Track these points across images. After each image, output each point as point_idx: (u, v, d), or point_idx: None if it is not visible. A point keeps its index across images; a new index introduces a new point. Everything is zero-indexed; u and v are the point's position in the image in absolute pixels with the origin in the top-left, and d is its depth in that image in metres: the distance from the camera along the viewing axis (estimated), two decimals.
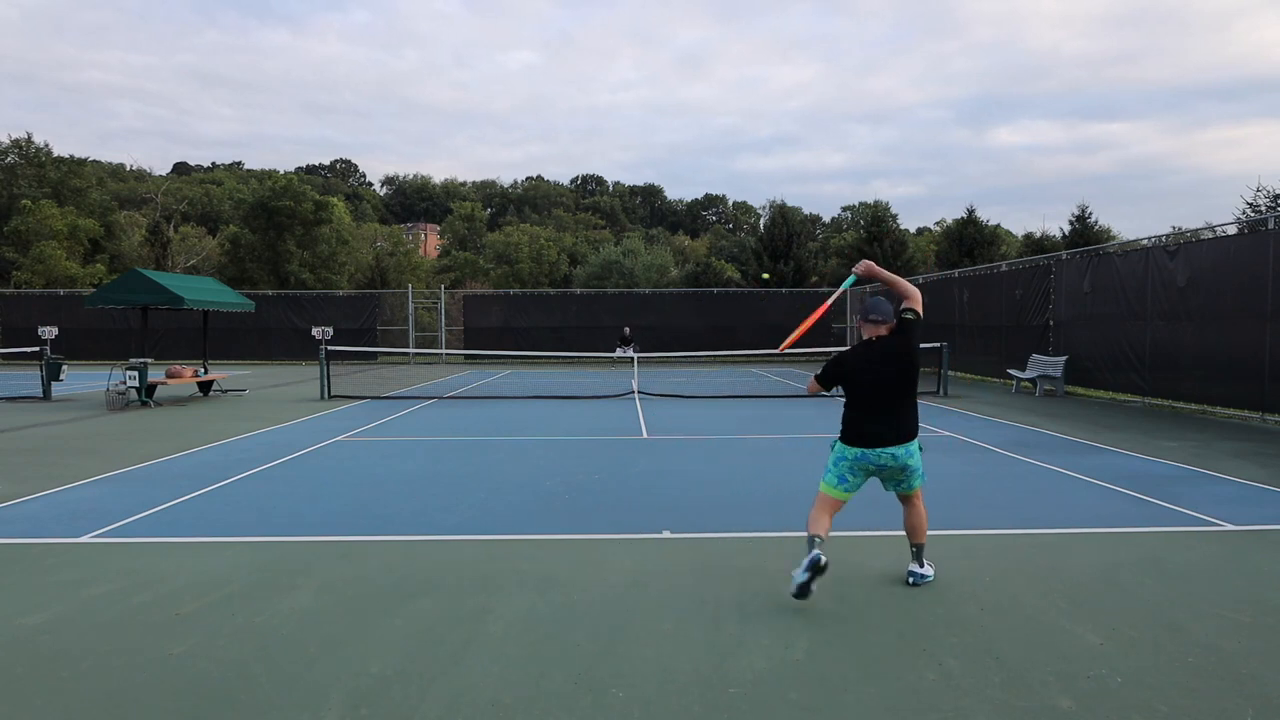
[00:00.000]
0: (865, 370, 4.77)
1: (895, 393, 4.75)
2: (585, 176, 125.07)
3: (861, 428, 4.77)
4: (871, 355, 4.79)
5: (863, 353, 4.84)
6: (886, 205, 47.04)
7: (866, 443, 4.75)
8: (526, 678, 3.69)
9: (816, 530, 4.69)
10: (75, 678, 3.72)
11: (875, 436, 4.73)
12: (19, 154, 45.58)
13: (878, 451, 4.72)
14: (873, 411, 4.75)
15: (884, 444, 4.72)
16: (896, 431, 4.73)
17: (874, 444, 4.73)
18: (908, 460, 4.75)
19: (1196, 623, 4.32)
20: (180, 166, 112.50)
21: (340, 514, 6.89)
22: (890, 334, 4.81)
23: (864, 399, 4.78)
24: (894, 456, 4.71)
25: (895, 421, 4.74)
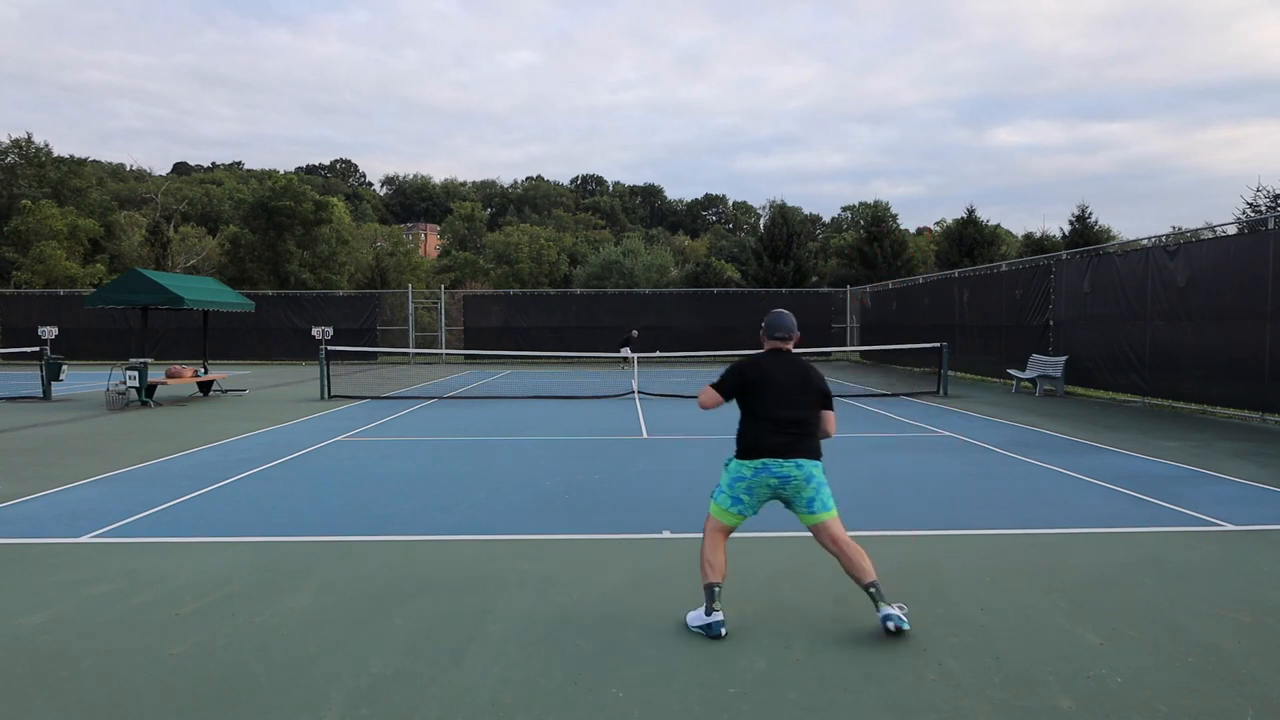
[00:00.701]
0: (775, 377, 4.44)
1: (803, 404, 4.42)
2: (585, 176, 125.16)
3: (763, 439, 4.34)
4: (779, 365, 4.49)
5: (769, 362, 4.51)
6: (886, 205, 47.21)
7: (769, 453, 4.31)
8: (526, 678, 3.69)
9: (714, 577, 4.29)
10: (75, 678, 3.72)
11: (780, 447, 4.32)
12: (19, 154, 45.61)
13: (780, 462, 4.29)
14: (778, 422, 4.36)
15: (789, 455, 4.31)
16: (801, 446, 4.35)
17: (777, 454, 4.31)
18: (813, 471, 4.33)
19: (1196, 623, 4.32)
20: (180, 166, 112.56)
21: (340, 514, 6.89)
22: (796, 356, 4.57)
23: (768, 408, 4.38)
24: (799, 467, 4.30)
25: (801, 434, 4.37)
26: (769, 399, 4.40)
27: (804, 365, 4.55)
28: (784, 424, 4.36)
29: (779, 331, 4.57)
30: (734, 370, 4.54)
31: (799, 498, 4.33)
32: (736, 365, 4.56)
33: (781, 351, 4.55)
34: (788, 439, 4.34)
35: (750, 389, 4.46)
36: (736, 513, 4.41)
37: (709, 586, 4.26)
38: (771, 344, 4.58)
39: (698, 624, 4.22)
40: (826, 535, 4.33)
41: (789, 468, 4.30)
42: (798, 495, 4.33)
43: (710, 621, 4.16)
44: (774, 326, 4.59)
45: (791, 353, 4.58)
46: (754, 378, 4.46)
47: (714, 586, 4.26)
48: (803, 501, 4.33)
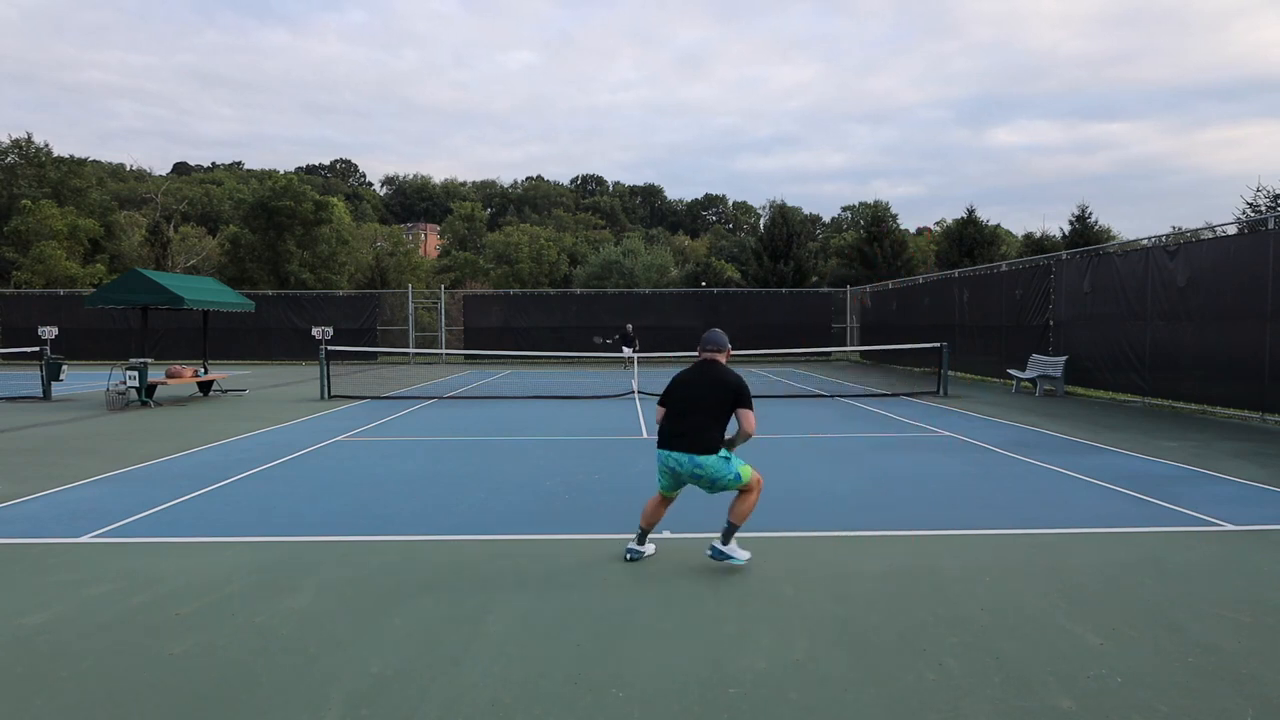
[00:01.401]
0: (688, 384, 5.32)
1: (702, 407, 5.20)
2: (585, 176, 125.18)
3: (664, 430, 5.32)
4: (699, 374, 5.34)
5: (694, 371, 5.39)
6: (886, 205, 47.20)
7: (665, 444, 5.29)
8: (526, 678, 3.69)
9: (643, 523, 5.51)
10: (75, 678, 3.72)
11: (672, 438, 5.25)
12: (19, 154, 45.61)
13: (668, 454, 5.26)
14: (678, 417, 5.26)
15: (677, 448, 5.21)
16: (690, 440, 5.18)
17: (669, 446, 5.26)
18: (695, 470, 5.18)
19: (1196, 623, 4.32)
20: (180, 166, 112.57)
21: (340, 514, 6.89)
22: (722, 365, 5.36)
23: (675, 405, 5.31)
24: (679, 463, 5.21)
25: (692, 430, 5.18)
26: (676, 400, 5.34)
27: (720, 374, 5.30)
28: (682, 419, 5.26)
29: (708, 345, 5.47)
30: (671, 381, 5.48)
31: (703, 486, 5.28)
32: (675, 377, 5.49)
33: (709, 363, 5.39)
34: (680, 431, 5.24)
35: (672, 391, 5.40)
36: (663, 489, 5.45)
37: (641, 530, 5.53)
38: (704, 354, 5.45)
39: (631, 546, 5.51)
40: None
41: (673, 461, 5.26)
42: (699, 483, 5.27)
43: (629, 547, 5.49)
44: (704, 341, 5.51)
45: (719, 364, 5.38)
46: (676, 382, 5.42)
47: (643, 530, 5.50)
48: (703, 486, 5.28)
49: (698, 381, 5.31)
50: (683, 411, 5.26)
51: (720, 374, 5.29)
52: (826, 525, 6.50)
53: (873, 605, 4.61)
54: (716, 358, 5.39)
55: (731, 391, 5.22)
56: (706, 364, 5.38)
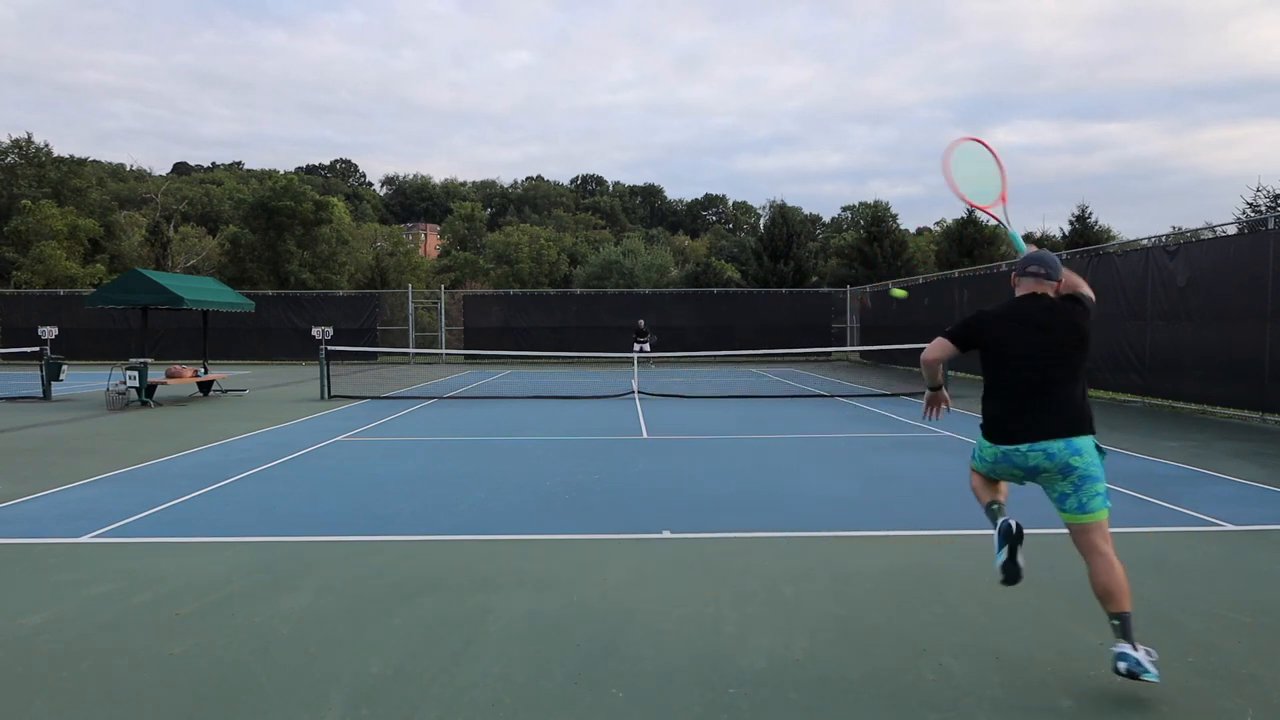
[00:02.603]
0: (1038, 328, 3.55)
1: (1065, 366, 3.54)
2: (585, 176, 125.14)
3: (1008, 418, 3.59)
4: (1032, 317, 3.58)
5: (1018, 313, 3.61)
6: (886, 205, 47.19)
7: (1012, 438, 3.57)
8: (526, 678, 3.69)
9: (993, 496, 3.84)
10: (75, 678, 3.72)
11: (1026, 428, 3.54)
12: (19, 154, 45.61)
13: (1028, 449, 3.53)
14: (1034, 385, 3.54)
15: (1047, 433, 3.50)
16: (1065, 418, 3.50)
17: (1028, 436, 3.54)
18: (1068, 464, 3.47)
19: (1196, 623, 4.31)
20: (180, 166, 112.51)
21: (340, 514, 6.89)
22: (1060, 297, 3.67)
23: (1022, 364, 3.55)
24: (1047, 457, 3.50)
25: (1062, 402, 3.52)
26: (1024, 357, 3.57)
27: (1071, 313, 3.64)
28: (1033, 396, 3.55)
29: (1036, 265, 3.68)
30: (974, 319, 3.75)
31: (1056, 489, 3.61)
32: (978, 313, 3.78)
33: (1038, 297, 3.66)
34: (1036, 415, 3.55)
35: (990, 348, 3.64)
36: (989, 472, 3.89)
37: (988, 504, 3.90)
38: (1029, 283, 3.68)
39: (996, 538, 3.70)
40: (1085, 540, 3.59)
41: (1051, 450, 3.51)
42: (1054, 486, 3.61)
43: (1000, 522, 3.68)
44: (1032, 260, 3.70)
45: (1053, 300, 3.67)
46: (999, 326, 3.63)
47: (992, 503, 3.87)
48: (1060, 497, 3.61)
49: (1049, 324, 3.56)
50: (1040, 374, 3.53)
51: (1071, 312, 3.63)
52: (826, 525, 6.50)
53: (873, 605, 4.61)
54: (1048, 289, 3.66)
55: (1087, 339, 3.62)
56: (1039, 299, 3.64)
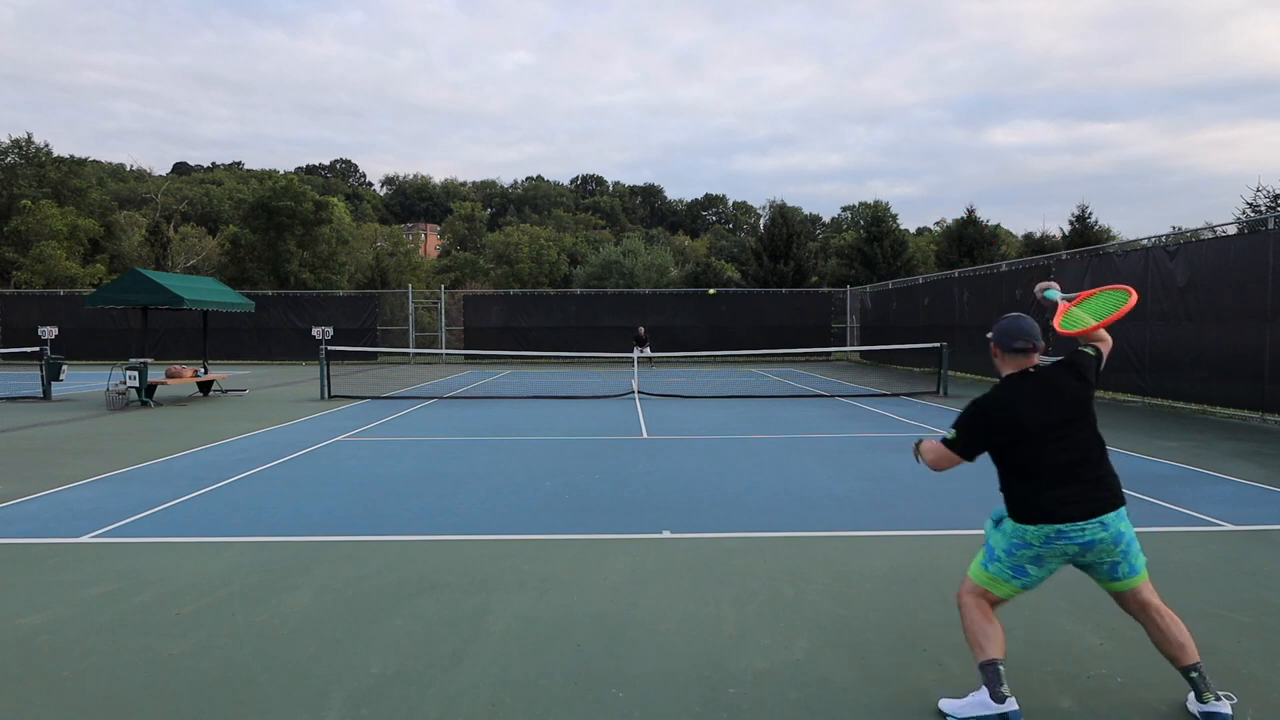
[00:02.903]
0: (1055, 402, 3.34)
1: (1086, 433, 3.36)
2: (585, 176, 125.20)
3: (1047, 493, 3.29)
4: (1053, 384, 3.38)
5: (1025, 392, 3.37)
6: (886, 205, 47.12)
7: (1065, 514, 3.26)
8: (526, 678, 3.69)
9: (993, 652, 3.30)
10: (75, 678, 3.72)
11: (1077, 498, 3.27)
12: (19, 154, 45.57)
13: (1077, 527, 3.25)
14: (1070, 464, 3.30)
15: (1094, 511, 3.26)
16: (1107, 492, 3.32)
17: (1076, 514, 3.26)
18: (1114, 539, 3.27)
19: (1196, 623, 4.30)
20: (180, 166, 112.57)
21: (340, 514, 6.88)
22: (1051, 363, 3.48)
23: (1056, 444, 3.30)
24: (1094, 538, 3.25)
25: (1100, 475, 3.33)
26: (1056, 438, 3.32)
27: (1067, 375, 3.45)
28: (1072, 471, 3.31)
29: (1025, 340, 3.43)
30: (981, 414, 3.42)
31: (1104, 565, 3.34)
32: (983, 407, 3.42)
33: (1034, 373, 3.44)
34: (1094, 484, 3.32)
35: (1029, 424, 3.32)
36: (1018, 584, 3.44)
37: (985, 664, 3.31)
38: (1015, 361, 3.46)
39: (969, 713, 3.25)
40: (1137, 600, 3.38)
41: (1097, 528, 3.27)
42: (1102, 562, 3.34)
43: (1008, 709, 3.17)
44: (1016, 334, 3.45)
45: (1047, 368, 3.46)
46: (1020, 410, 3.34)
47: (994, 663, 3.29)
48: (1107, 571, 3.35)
49: (1061, 394, 3.36)
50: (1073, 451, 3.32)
51: (1067, 375, 3.43)
52: (826, 525, 6.50)
53: (873, 605, 4.61)
54: (1034, 361, 3.47)
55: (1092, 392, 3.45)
56: (1034, 375, 3.43)
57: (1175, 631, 3.29)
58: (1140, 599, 3.35)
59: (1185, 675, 3.27)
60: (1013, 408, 3.35)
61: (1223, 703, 3.19)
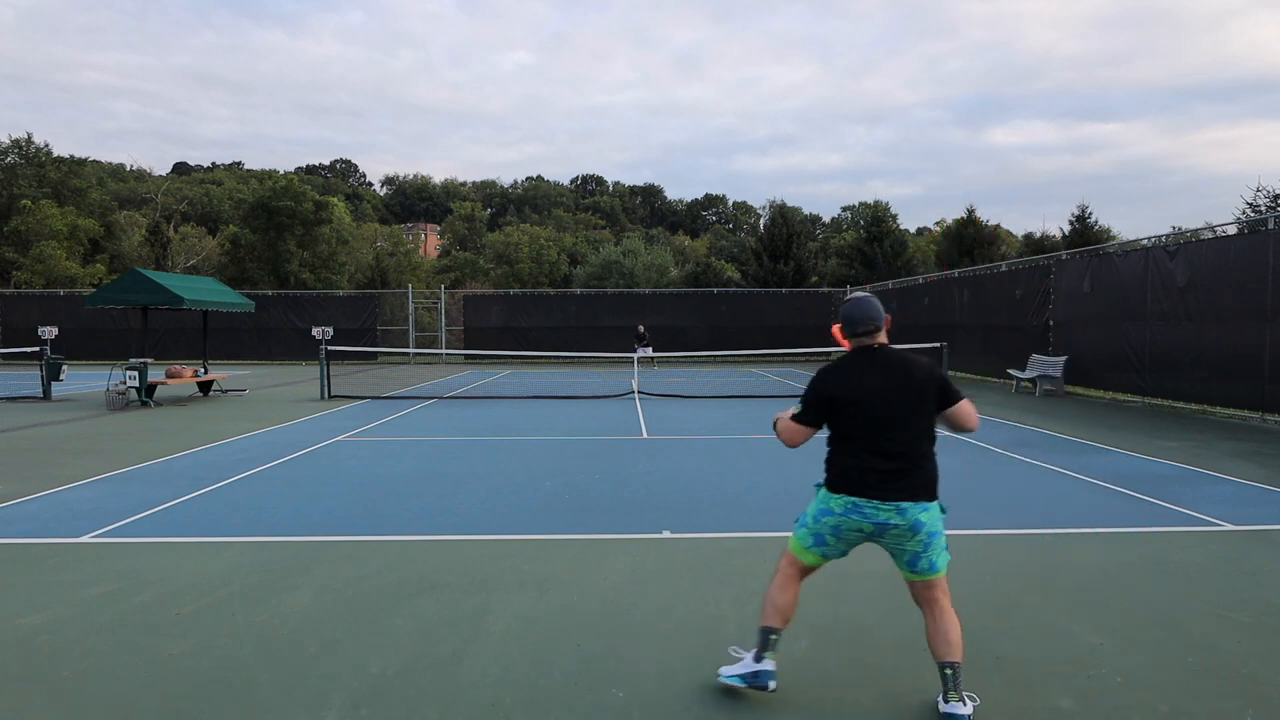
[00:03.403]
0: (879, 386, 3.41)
1: (912, 421, 3.41)
2: (585, 176, 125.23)
3: (850, 465, 3.45)
4: (882, 369, 3.44)
5: (864, 365, 3.47)
6: (886, 205, 47.09)
7: (855, 488, 3.41)
8: (526, 678, 3.69)
9: (772, 620, 3.51)
10: (75, 678, 3.72)
11: (872, 479, 3.38)
12: (19, 154, 45.56)
13: (878, 506, 3.36)
14: (879, 444, 3.39)
15: (886, 495, 3.35)
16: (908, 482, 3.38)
17: (867, 492, 3.38)
18: (920, 517, 3.34)
19: (1196, 623, 4.31)
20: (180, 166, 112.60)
21: (340, 514, 6.88)
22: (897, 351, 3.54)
23: (867, 424, 3.40)
24: (887, 519, 3.34)
25: (910, 465, 3.40)
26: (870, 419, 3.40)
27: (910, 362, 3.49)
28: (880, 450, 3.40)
29: (867, 324, 3.50)
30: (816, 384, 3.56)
31: (900, 550, 3.42)
32: (819, 378, 3.57)
33: (876, 350, 3.50)
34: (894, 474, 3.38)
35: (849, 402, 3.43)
36: (818, 553, 3.58)
37: (764, 629, 3.52)
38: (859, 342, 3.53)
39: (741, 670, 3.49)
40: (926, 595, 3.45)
41: (889, 512, 3.35)
42: (899, 547, 3.41)
43: (762, 667, 3.44)
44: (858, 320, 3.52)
45: (889, 349, 3.52)
46: (842, 389, 3.46)
47: (770, 630, 3.50)
48: (905, 558, 3.42)
49: (889, 380, 3.41)
50: (884, 433, 3.38)
51: (910, 362, 3.48)
52: None
53: (873, 605, 4.61)
54: (881, 339, 3.53)
55: (937, 384, 3.47)
56: (876, 352, 3.48)
57: (950, 631, 3.35)
58: (931, 594, 3.41)
59: (940, 670, 3.32)
60: (845, 379, 3.47)
61: (966, 705, 3.25)
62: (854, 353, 3.54)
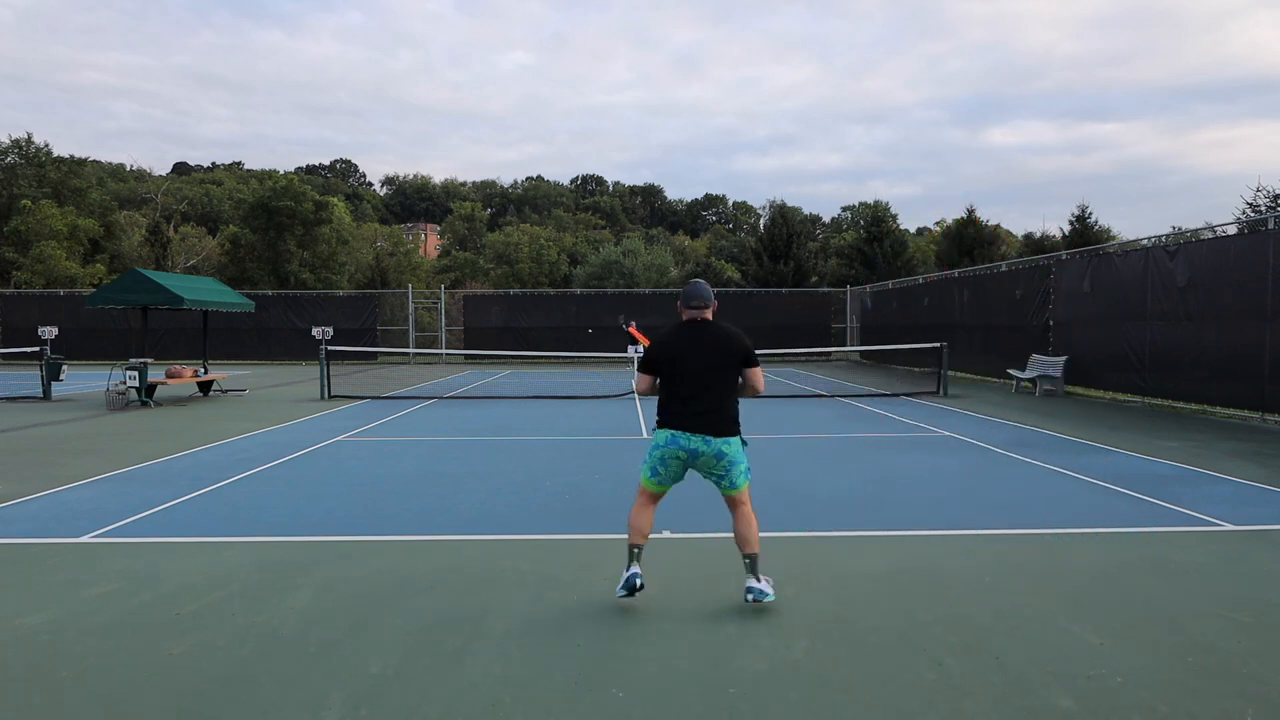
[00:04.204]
0: (691, 349, 4.57)
1: (717, 377, 4.58)
2: (585, 176, 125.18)
3: (675, 410, 4.57)
4: (695, 337, 4.61)
5: (686, 334, 4.64)
6: (886, 205, 47.09)
7: (674, 422, 4.56)
8: (526, 678, 3.69)
9: (635, 539, 4.60)
10: (75, 678, 3.72)
11: (685, 417, 4.54)
12: (19, 154, 45.56)
13: (689, 436, 4.52)
14: (691, 391, 4.54)
15: (695, 428, 4.52)
16: (712, 420, 4.53)
17: (681, 425, 4.55)
18: (723, 448, 4.51)
19: (1196, 623, 4.31)
20: (180, 166, 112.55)
21: (340, 514, 6.88)
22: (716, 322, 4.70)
23: (681, 376, 4.56)
24: (696, 449, 4.50)
25: (713, 407, 4.54)
26: (682, 372, 4.56)
27: (722, 332, 4.64)
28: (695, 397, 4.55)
29: (695, 301, 4.68)
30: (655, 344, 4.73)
31: (711, 472, 4.62)
32: (657, 340, 4.75)
33: (700, 322, 4.68)
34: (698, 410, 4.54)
35: (667, 362, 4.62)
36: (657, 482, 4.68)
37: (631, 547, 4.63)
38: (689, 314, 4.69)
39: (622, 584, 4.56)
40: (732, 504, 4.68)
41: (698, 443, 4.53)
42: (709, 469, 4.60)
43: (629, 573, 4.54)
44: (690, 296, 4.70)
45: (713, 323, 4.69)
46: (671, 351, 4.62)
47: (635, 547, 4.62)
48: (715, 477, 4.63)
49: (701, 345, 4.58)
50: (695, 384, 4.53)
51: (722, 332, 4.64)
52: (826, 525, 6.50)
53: (873, 605, 4.61)
54: (706, 315, 4.69)
55: (740, 351, 4.64)
56: (699, 324, 4.66)
57: (748, 530, 4.60)
58: (734, 502, 4.66)
59: (743, 560, 4.59)
60: (674, 342, 4.65)
61: (762, 582, 4.54)
62: (686, 323, 4.70)
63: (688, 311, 4.69)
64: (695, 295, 4.68)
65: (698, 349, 4.56)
